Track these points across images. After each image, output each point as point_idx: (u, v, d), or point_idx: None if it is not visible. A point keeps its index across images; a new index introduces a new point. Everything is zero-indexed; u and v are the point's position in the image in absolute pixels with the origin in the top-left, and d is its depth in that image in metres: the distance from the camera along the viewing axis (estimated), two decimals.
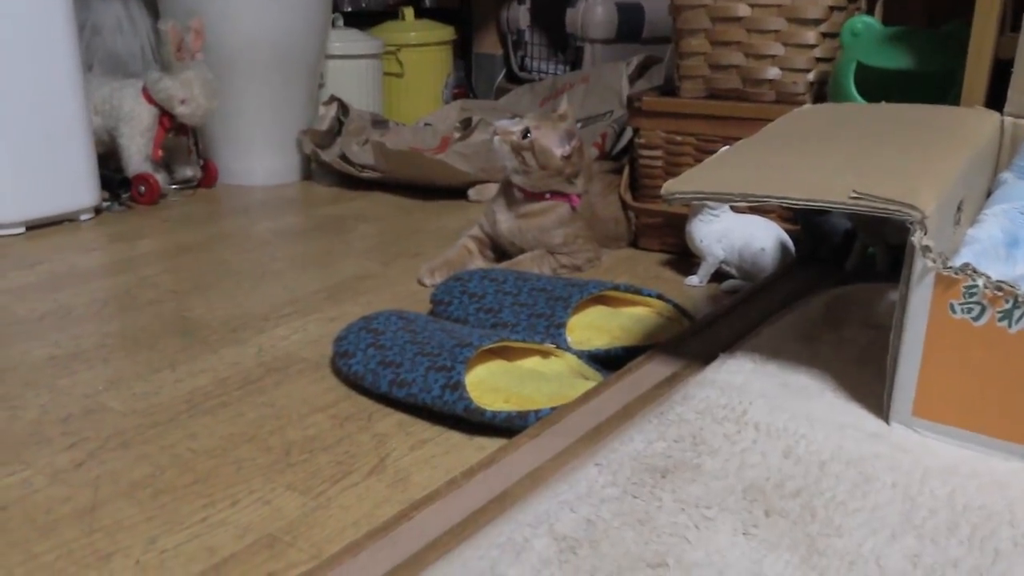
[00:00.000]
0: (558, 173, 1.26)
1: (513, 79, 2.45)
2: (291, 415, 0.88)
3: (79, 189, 1.53)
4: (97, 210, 1.58)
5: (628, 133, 1.74)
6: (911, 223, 0.65)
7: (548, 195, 1.28)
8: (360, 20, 2.23)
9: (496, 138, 1.27)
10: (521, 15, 2.40)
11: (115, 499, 0.73)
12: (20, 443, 0.82)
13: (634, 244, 1.43)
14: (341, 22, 2.12)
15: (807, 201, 0.69)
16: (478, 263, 1.30)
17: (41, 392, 0.92)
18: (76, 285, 1.21)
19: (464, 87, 2.56)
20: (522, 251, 1.29)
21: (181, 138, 1.72)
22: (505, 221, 1.30)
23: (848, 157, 0.79)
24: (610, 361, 0.93)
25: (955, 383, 0.67)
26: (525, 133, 1.25)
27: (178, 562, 0.65)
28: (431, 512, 0.61)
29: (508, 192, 1.31)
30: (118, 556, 0.66)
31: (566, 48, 2.36)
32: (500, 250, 1.33)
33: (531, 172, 1.26)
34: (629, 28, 2.27)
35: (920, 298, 0.66)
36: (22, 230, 1.47)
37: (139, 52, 1.84)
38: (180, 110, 1.63)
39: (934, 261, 0.65)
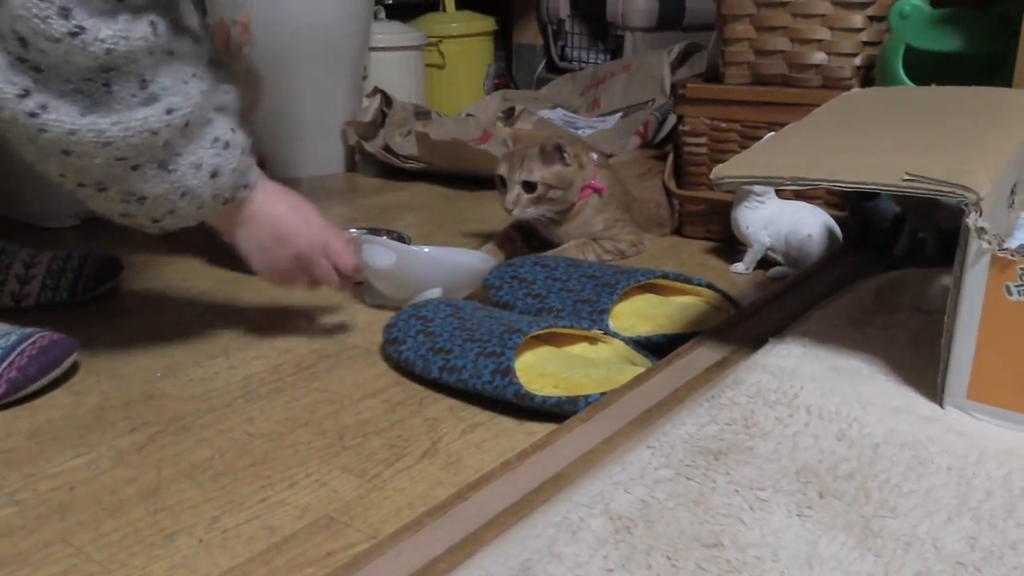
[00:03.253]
0: (577, 181, 1.25)
1: (553, 69, 2.45)
2: (344, 400, 0.89)
3: None
4: None
5: (670, 121, 1.74)
6: (966, 205, 0.64)
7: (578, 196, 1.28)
8: (402, 12, 2.25)
9: (517, 211, 1.23)
10: (561, 5, 2.40)
11: (177, 480, 0.75)
12: (84, 427, 0.84)
13: (678, 232, 1.43)
14: (383, 14, 2.13)
15: (859, 184, 0.69)
16: (520, 251, 1.31)
17: (102, 378, 0.95)
18: (130, 275, 1.24)
19: (505, 78, 2.57)
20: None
21: None
22: (543, 228, 1.30)
23: (899, 140, 0.78)
24: (652, 348, 0.93)
25: (1011, 366, 0.66)
26: (531, 185, 1.22)
27: (240, 541, 0.67)
28: (487, 492, 0.62)
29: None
30: (182, 535, 0.68)
31: (606, 37, 2.36)
32: (541, 238, 1.33)
33: (562, 199, 1.25)
34: (670, 16, 2.26)
35: (975, 280, 0.66)
36: (77, 222, 1.50)
37: None
38: None
39: (989, 243, 0.64)
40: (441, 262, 1.11)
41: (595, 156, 1.32)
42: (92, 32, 0.74)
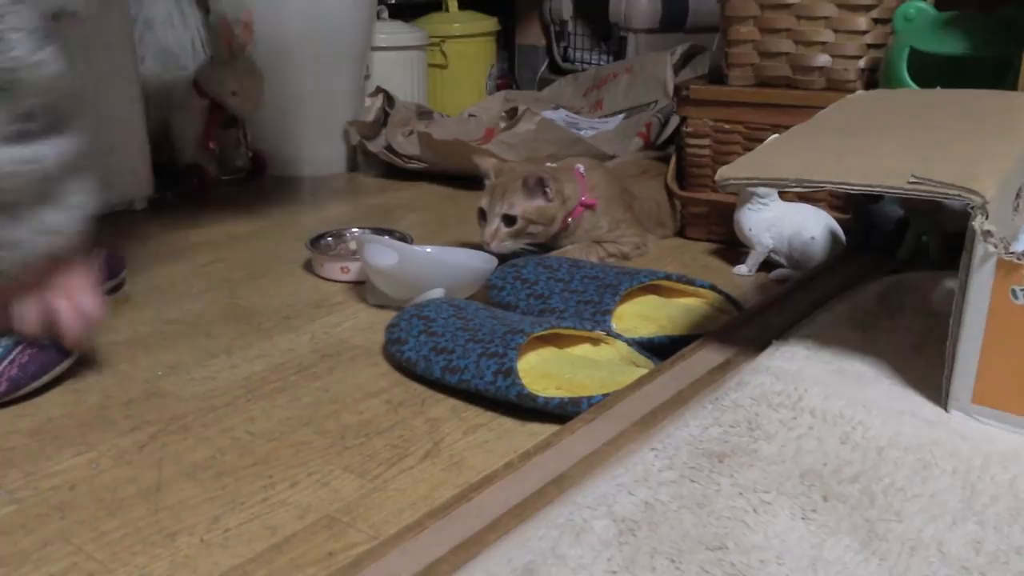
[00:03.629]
0: (558, 217, 1.23)
1: (556, 70, 2.45)
2: (346, 400, 0.89)
3: (134, 180, 1.56)
4: (151, 200, 1.61)
5: (673, 123, 1.74)
6: (972, 208, 0.64)
7: (568, 222, 1.26)
8: (404, 12, 2.24)
9: (495, 244, 1.20)
10: (564, 6, 2.40)
11: (178, 479, 0.75)
12: (85, 425, 0.84)
13: (681, 233, 1.42)
14: (386, 14, 2.13)
15: (864, 186, 0.68)
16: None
17: (103, 377, 0.94)
18: (132, 273, 1.23)
19: (507, 78, 2.56)
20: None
21: (231, 130, 1.75)
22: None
23: (904, 142, 0.78)
24: (655, 350, 0.93)
25: (1016, 369, 0.66)
26: (511, 219, 1.20)
27: (241, 540, 0.67)
28: (489, 494, 0.62)
29: None
30: (183, 534, 0.68)
31: (609, 38, 2.36)
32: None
33: (542, 234, 1.23)
34: (673, 17, 2.25)
35: (981, 283, 0.66)
36: None
37: (189, 45, 1.87)
38: (231, 102, 1.66)
39: (996, 246, 0.64)
40: (443, 262, 1.11)
41: (581, 167, 1.30)
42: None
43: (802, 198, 1.22)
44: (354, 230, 1.34)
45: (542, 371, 0.87)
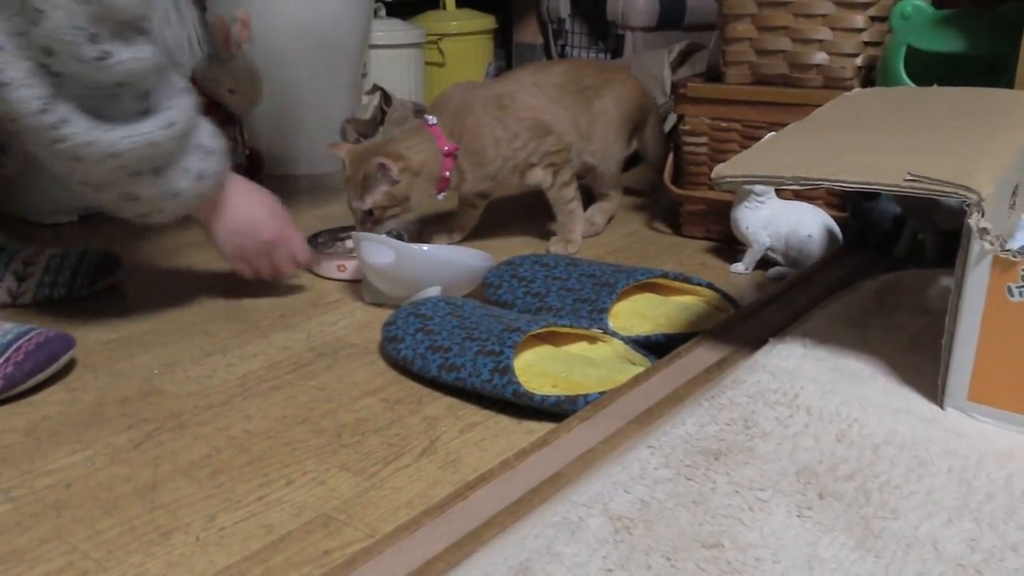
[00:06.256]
0: (416, 187, 1.21)
1: None
2: (342, 398, 0.89)
3: None
4: None
5: (670, 120, 1.73)
6: (968, 205, 0.64)
7: (447, 177, 1.25)
8: (402, 9, 2.24)
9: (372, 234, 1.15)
10: (562, 4, 2.40)
11: (174, 478, 0.75)
12: (81, 424, 0.84)
13: (678, 231, 1.42)
14: (383, 11, 2.13)
15: (861, 184, 0.68)
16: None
17: (99, 375, 0.94)
18: (129, 271, 1.23)
19: None
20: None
21: (228, 128, 1.74)
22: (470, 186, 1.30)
23: (901, 140, 0.78)
24: (651, 348, 0.93)
25: (1012, 367, 0.66)
26: (368, 212, 1.18)
27: (236, 539, 0.67)
28: (485, 492, 0.62)
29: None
30: (178, 533, 0.68)
31: (607, 36, 2.35)
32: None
33: (412, 206, 1.21)
34: (670, 15, 2.25)
35: (977, 281, 0.66)
36: (75, 218, 1.50)
37: (186, 43, 1.86)
38: (228, 100, 1.65)
39: (991, 244, 0.64)
40: (440, 260, 1.11)
41: (431, 119, 1.25)
42: (116, 56, 0.83)
43: (799, 196, 1.22)
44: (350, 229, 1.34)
45: (539, 369, 0.87)
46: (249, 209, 1.07)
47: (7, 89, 0.81)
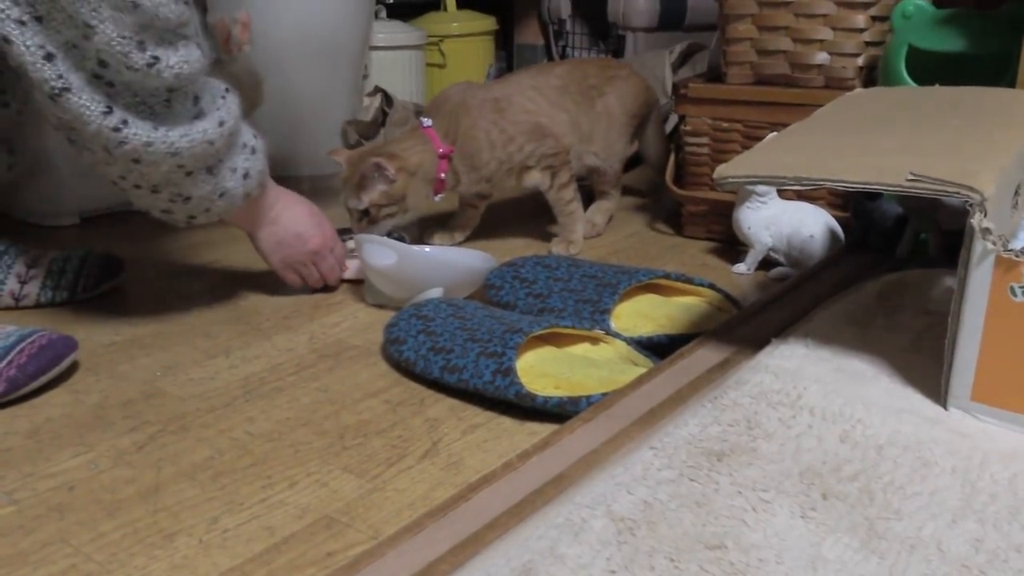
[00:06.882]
0: (412, 188, 1.22)
1: None
2: (345, 400, 0.89)
3: None
4: None
5: (672, 121, 1.73)
6: (970, 205, 0.64)
7: (443, 179, 1.26)
8: (403, 11, 2.24)
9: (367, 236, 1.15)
10: (563, 4, 2.40)
11: (177, 480, 0.75)
12: (84, 426, 0.84)
13: (680, 232, 1.42)
14: (384, 13, 2.13)
15: (863, 184, 0.68)
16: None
17: (102, 377, 0.94)
18: (130, 275, 1.23)
19: None
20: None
21: None
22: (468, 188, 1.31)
23: (903, 140, 0.78)
24: (654, 349, 0.93)
25: (1015, 367, 0.66)
26: (364, 212, 1.19)
27: (240, 541, 0.67)
28: (488, 493, 0.62)
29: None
30: (181, 535, 0.68)
31: (607, 37, 2.35)
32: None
33: (408, 207, 1.23)
34: (671, 16, 2.25)
35: (979, 281, 0.65)
36: (77, 220, 1.50)
37: None
38: None
39: (994, 243, 0.64)
40: (442, 262, 1.11)
41: (427, 121, 1.26)
42: (165, 60, 0.85)
43: (801, 196, 1.22)
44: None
45: (541, 370, 0.87)
46: (294, 220, 1.11)
47: (70, 93, 0.83)
